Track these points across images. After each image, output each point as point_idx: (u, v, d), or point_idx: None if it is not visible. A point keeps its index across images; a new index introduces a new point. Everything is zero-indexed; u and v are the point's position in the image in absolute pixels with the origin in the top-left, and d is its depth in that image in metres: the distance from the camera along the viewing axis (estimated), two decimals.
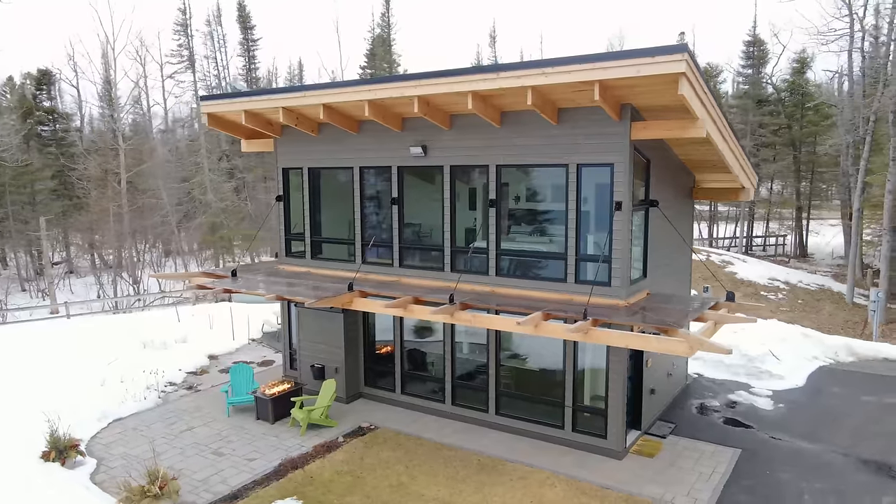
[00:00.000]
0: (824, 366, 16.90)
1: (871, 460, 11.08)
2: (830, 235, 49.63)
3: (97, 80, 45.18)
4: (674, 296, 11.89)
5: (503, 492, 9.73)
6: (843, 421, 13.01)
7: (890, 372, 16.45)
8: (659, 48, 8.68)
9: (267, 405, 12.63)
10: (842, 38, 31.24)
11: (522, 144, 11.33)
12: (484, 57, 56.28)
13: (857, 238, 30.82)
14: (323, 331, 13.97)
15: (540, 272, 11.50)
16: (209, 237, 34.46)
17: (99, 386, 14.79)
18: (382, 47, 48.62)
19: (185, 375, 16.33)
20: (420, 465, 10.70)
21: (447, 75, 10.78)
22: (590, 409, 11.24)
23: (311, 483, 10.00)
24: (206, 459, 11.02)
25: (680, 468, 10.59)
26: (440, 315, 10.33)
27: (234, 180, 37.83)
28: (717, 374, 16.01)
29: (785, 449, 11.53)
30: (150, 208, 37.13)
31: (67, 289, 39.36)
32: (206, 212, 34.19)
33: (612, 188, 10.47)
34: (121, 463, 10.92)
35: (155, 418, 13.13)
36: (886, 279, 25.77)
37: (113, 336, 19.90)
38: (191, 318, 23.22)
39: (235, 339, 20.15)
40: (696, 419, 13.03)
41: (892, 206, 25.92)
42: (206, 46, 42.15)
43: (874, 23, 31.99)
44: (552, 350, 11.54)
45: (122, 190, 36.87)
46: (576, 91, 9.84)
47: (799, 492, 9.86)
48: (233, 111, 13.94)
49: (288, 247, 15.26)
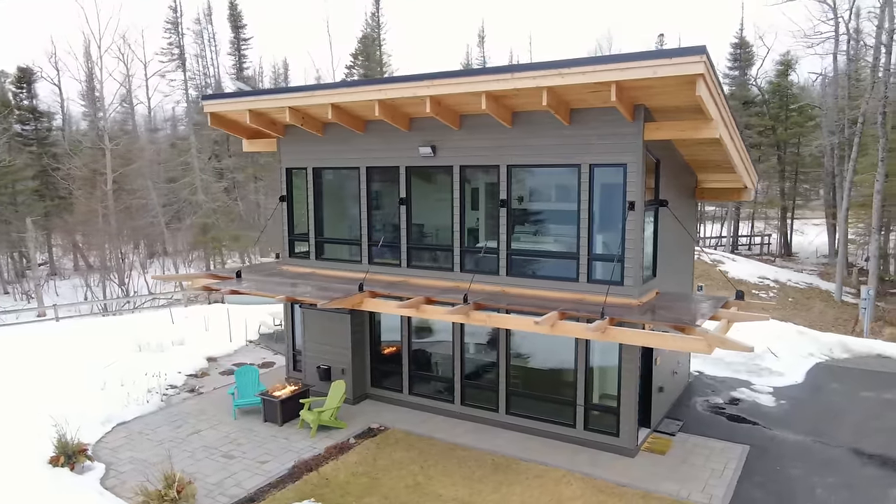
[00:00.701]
0: (821, 362, 17.19)
1: (875, 455, 11.29)
2: (814, 235, 50.51)
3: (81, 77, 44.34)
4: (685, 294, 12.02)
5: (521, 491, 9.76)
6: (845, 417, 13.24)
7: (884, 368, 16.78)
8: (677, 49, 8.77)
9: (275, 407, 12.52)
10: (827, 40, 31.79)
11: (534, 145, 11.37)
12: (473, 57, 56.44)
13: (845, 237, 31.38)
14: (329, 332, 13.89)
15: (551, 272, 11.54)
16: (201, 238, 34.03)
17: (99, 389, 14.55)
18: (371, 47, 48.47)
19: (186, 378, 16.13)
20: (434, 465, 10.69)
21: (461, 75, 10.80)
22: (602, 407, 11.31)
23: (328, 485, 9.93)
24: (218, 462, 10.90)
25: (692, 465, 10.71)
26: (455, 315, 10.33)
27: (225, 180, 37.39)
28: (718, 372, 16.21)
29: (791, 445, 11.71)
30: (138, 209, 36.57)
31: (52, 291, 38.67)
32: (197, 212, 33.75)
33: (624, 188, 10.55)
34: (130, 467, 10.76)
35: (160, 422, 12.96)
36: (875, 277, 26.31)
37: (106, 339, 19.62)
38: (185, 321, 22.97)
39: (233, 341, 19.95)
40: (702, 416, 13.17)
41: (880, 206, 26.48)
42: (197, 45, 41.72)
43: (856, 26, 32.60)
44: (562, 349, 11.60)
45: (108, 190, 36.29)
46: (591, 92, 9.90)
47: (811, 487, 10.02)
48: (237, 110, 13.79)
49: (291, 247, 15.15)
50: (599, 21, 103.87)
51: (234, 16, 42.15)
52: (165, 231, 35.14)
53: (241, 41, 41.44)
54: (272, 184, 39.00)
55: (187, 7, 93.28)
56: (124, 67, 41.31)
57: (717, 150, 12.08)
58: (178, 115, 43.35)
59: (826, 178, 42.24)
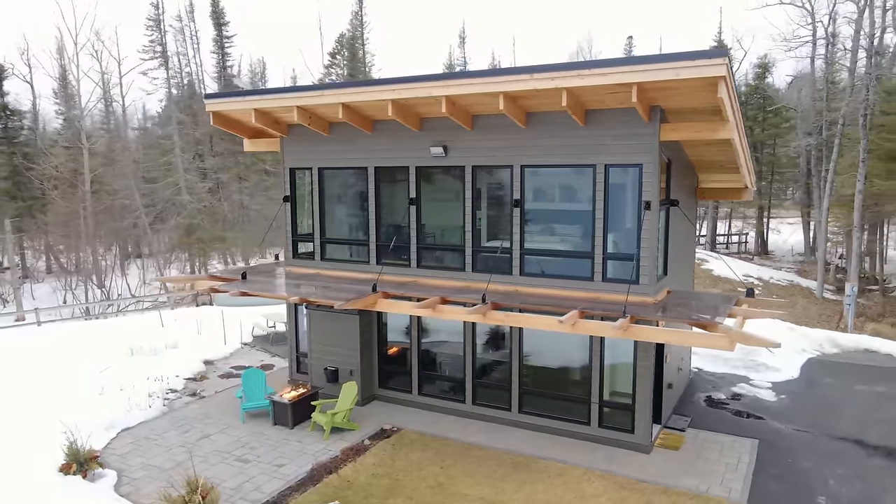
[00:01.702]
0: (813, 357, 17.65)
1: (879, 446, 11.64)
2: (788, 233, 51.83)
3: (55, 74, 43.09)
4: (696, 293, 12.23)
5: (544, 489, 9.82)
6: (844, 410, 13.61)
7: (873, 362, 17.30)
8: (700, 52, 8.93)
9: (286, 410, 12.38)
10: (806, 44, 32.66)
11: (548, 145, 11.45)
12: (455, 58, 56.54)
13: (826, 236, 32.28)
14: (337, 333, 13.77)
15: (565, 271, 11.63)
16: (185, 239, 33.34)
17: (98, 395, 14.19)
18: (355, 46, 48.16)
19: (185, 382, 15.83)
20: (453, 465, 10.69)
21: (479, 76, 10.82)
22: (617, 404, 11.44)
23: (350, 487, 9.86)
24: (233, 467, 10.73)
25: (707, 460, 10.90)
26: (474, 315, 10.34)
27: (209, 180, 36.63)
28: (717, 369, 16.52)
29: (798, 438, 12.00)
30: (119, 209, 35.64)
31: (28, 294, 37.55)
32: (182, 213, 33.04)
33: (640, 188, 10.69)
34: (143, 474, 10.53)
35: (165, 426, 12.70)
36: (857, 274, 27.15)
37: (93, 342, 19.10)
38: (174, 323, 22.53)
39: (227, 344, 19.65)
40: (708, 412, 13.41)
41: (861, 206, 27.36)
42: (177, 42, 40.81)
43: (833, 30, 33.52)
44: (575, 347, 11.71)
45: (87, 190, 35.37)
46: (610, 93, 10.01)
47: (824, 478, 10.29)
48: (242, 109, 13.60)
49: (294, 248, 14.99)
50: (580, 22, 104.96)
51: (217, 13, 41.33)
52: (149, 232, 34.30)
53: (225, 39, 40.68)
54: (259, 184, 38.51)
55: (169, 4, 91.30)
56: (102, 64, 40.34)
57: (723, 151, 12.33)
58: (155, 114, 42.39)
59: (801, 179, 43.33)
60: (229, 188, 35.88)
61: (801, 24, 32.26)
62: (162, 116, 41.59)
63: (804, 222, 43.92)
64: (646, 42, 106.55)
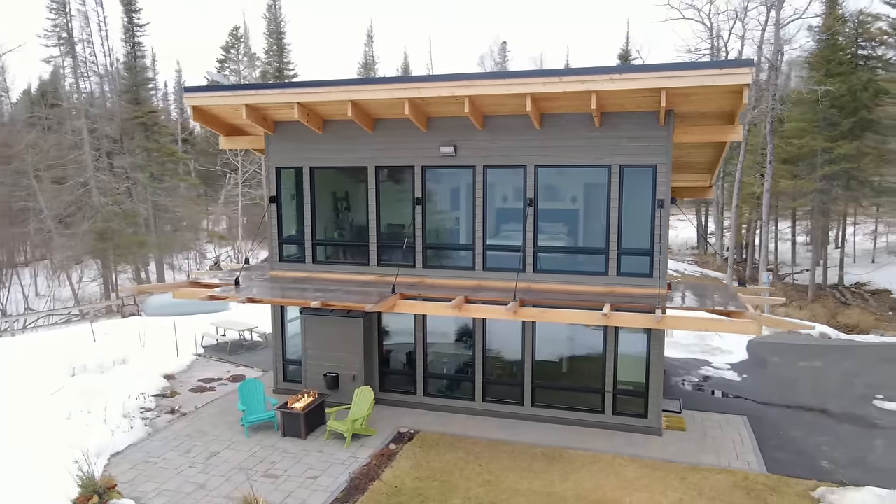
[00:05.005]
0: (751, 340, 19.57)
1: (842, 414, 13.24)
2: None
3: None
4: (695, 284, 13.17)
5: (589, 476, 10.21)
6: (799, 384, 15.29)
7: (799, 341, 19.52)
8: (727, 61, 9.76)
9: (299, 420, 11.83)
10: (705, 56, 35.89)
11: (563, 146, 11.86)
12: (367, 56, 55.80)
13: (737, 230, 35.72)
14: (338, 337, 13.34)
15: (579, 267, 12.12)
16: (99, 245, 30.00)
17: (66, 419, 12.71)
18: (275, 40, 46.16)
19: (156, 399, 14.59)
20: (490, 462, 10.79)
21: (504, 77, 11.03)
22: (631, 391, 12.09)
23: (401, 493, 9.67)
24: (264, 484, 10.10)
25: (714, 437, 11.84)
26: (505, 313, 10.50)
27: (124, 181, 33.16)
28: (678, 354, 17.87)
29: (777, 412, 13.34)
30: (17, 212, 31.52)
31: None
32: (94, 216, 29.69)
33: (654, 187, 11.40)
34: (163, 500, 9.63)
35: (160, 448, 11.67)
36: (764, 264, 30.43)
37: (23, 363, 16.99)
38: (106, 337, 20.57)
39: (180, 356, 18.30)
40: (690, 394, 14.52)
41: (769, 202, 30.74)
42: (83, 29, 36.50)
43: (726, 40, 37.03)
44: (586, 340, 12.25)
45: None
46: (635, 97, 10.59)
47: (816, 445, 11.56)
48: (230, 105, 12.79)
49: (280, 251, 14.31)
50: (489, 26, 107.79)
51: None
52: (55, 237, 30.59)
53: (137, 27, 37.06)
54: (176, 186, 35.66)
55: None
56: None
57: (706, 153, 13.42)
58: (69, 106, 37.42)
59: None
60: (146, 189, 32.62)
61: (702, 38, 35.52)
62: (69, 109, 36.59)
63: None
64: (553, 53, 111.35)
